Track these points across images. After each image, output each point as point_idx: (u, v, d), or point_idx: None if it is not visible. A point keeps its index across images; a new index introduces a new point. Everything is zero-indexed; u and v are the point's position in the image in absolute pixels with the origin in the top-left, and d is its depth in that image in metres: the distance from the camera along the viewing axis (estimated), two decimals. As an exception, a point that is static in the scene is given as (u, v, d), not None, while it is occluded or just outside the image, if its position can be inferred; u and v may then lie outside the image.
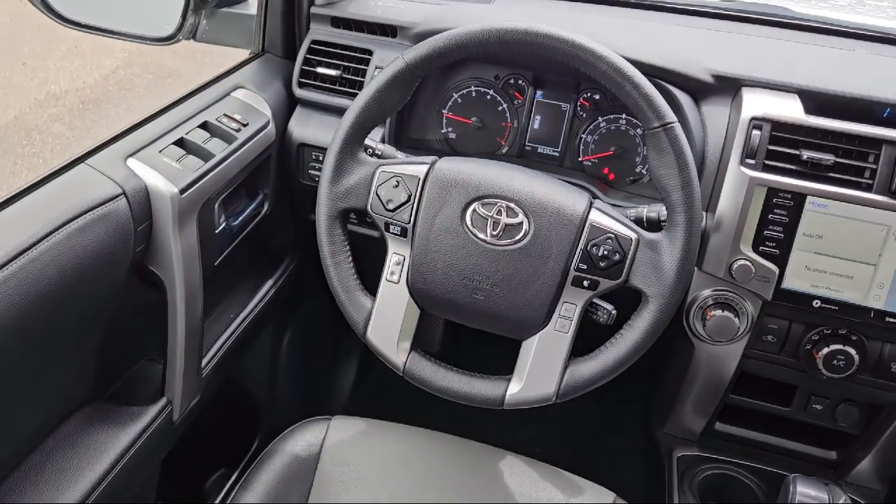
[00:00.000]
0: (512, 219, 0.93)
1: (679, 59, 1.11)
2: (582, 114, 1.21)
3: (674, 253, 0.89)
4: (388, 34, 1.25)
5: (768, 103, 1.03)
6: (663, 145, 0.89)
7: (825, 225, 1.00)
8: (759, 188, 1.01)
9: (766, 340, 1.10)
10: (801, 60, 1.17)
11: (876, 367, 1.07)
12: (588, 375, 0.94)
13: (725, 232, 1.03)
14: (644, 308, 0.92)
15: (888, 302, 1.00)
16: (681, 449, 1.30)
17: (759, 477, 1.24)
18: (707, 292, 1.08)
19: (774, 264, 1.03)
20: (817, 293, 1.03)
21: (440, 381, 0.98)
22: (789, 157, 1.00)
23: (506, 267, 0.93)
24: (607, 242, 0.91)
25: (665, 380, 1.35)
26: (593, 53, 0.89)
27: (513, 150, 1.25)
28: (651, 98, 0.88)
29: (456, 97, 1.26)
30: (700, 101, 1.10)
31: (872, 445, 1.19)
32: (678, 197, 0.89)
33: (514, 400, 0.96)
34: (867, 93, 1.05)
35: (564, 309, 0.94)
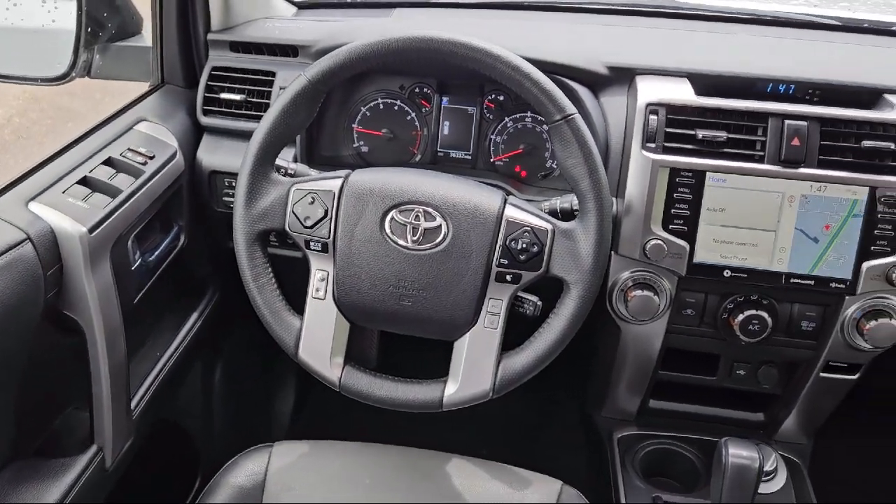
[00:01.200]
0: (430, 223, 0.94)
1: (575, 55, 1.15)
2: (489, 116, 1.24)
3: (589, 239, 0.93)
4: (289, 54, 1.25)
5: (661, 89, 1.08)
6: (567, 137, 0.92)
7: (726, 198, 1.06)
8: (661, 170, 1.05)
9: (686, 314, 1.15)
10: (689, 47, 1.23)
11: (788, 328, 1.13)
12: (521, 367, 0.96)
13: (636, 214, 1.07)
14: (567, 295, 0.95)
15: (791, 264, 1.07)
16: (620, 430, 1.34)
17: (695, 446, 1.29)
18: (626, 274, 1.12)
19: (684, 240, 1.07)
20: (727, 263, 1.08)
21: (377, 391, 0.98)
22: (686, 138, 1.05)
23: (430, 270, 0.95)
24: (525, 236, 0.93)
25: (597, 365, 1.39)
26: (490, 55, 0.91)
27: (426, 157, 1.27)
28: (550, 93, 0.92)
29: (364, 110, 1.27)
30: (598, 92, 1.14)
31: (794, 403, 1.25)
32: (586, 185, 0.92)
33: (453, 400, 0.97)
34: (750, 71, 1.11)
35: (491, 305, 0.96)
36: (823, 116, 1.04)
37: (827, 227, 1.05)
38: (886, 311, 1.07)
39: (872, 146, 1.02)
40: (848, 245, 1.05)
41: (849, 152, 1.03)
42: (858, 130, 1.03)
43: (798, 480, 1.25)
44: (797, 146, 1.03)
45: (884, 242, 1.04)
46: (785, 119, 1.04)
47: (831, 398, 1.24)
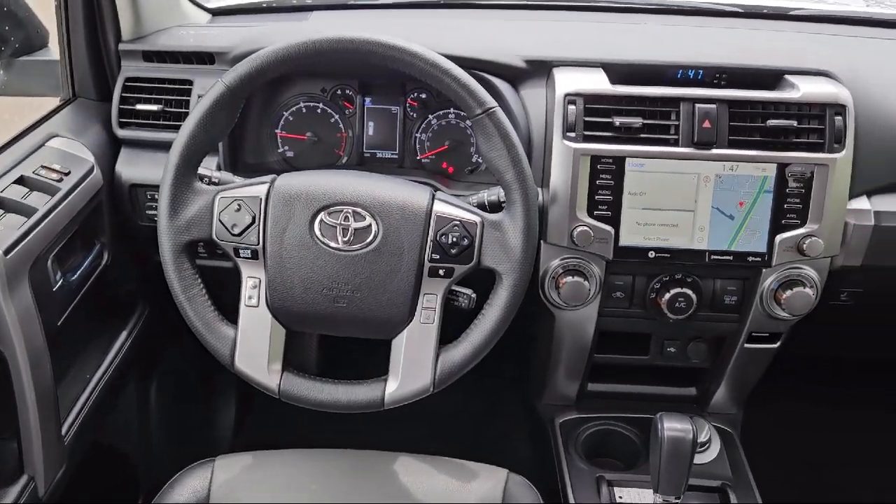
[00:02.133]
0: (360, 223, 0.95)
1: (493, 50, 1.17)
2: (412, 114, 1.25)
3: (517, 229, 0.95)
4: (205, 62, 1.23)
5: (578, 79, 1.11)
6: (489, 130, 0.94)
7: (646, 182, 1.09)
8: (583, 158, 1.08)
9: (616, 297, 1.18)
10: (603, 38, 1.27)
11: (712, 303, 1.18)
12: (460, 360, 0.97)
13: (561, 203, 1.10)
14: (499, 285, 0.96)
15: (710, 242, 1.11)
16: (561, 415, 1.37)
17: (633, 424, 1.33)
18: (556, 262, 1.14)
19: (609, 225, 1.11)
20: (650, 245, 1.12)
21: (318, 395, 0.98)
22: (604, 126, 1.09)
23: (363, 270, 0.95)
24: (454, 230, 0.95)
25: (535, 353, 1.42)
26: (409, 53, 0.92)
27: (352, 159, 1.27)
28: (470, 88, 0.93)
29: (287, 115, 1.26)
30: (518, 85, 1.17)
31: (722, 375, 1.31)
32: (511, 176, 0.94)
33: (394, 398, 0.97)
34: (661, 59, 1.16)
35: (426, 300, 0.96)
36: (730, 99, 1.08)
37: (741, 203, 1.10)
38: (800, 280, 1.13)
39: (777, 125, 1.07)
40: (761, 220, 1.10)
41: (756, 132, 1.08)
42: (763, 110, 1.09)
43: (731, 448, 1.31)
44: (708, 128, 1.07)
45: (793, 215, 1.09)
46: (695, 103, 1.08)
47: (756, 367, 1.30)
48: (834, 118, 1.08)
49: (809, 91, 1.09)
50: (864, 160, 1.10)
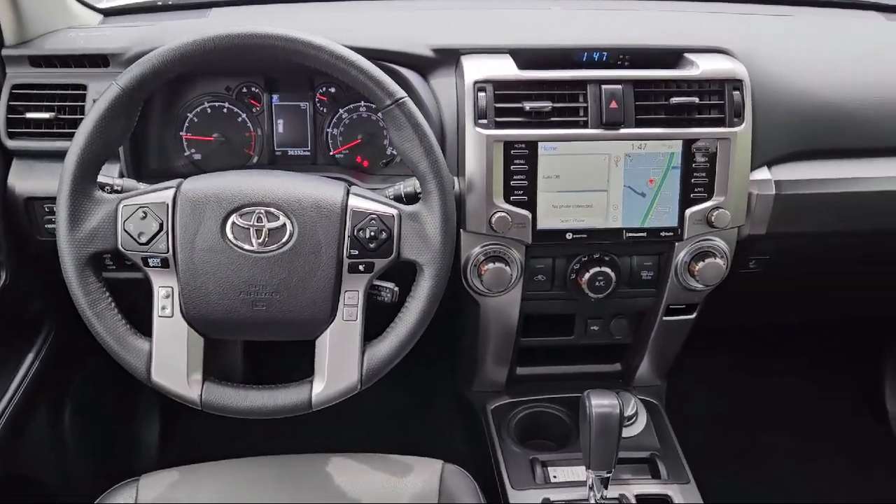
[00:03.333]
0: (274, 223, 0.92)
1: (401, 40, 1.16)
2: (322, 109, 1.23)
3: (434, 219, 0.94)
4: (99, 65, 1.17)
5: (486, 66, 1.11)
6: (400, 121, 0.93)
7: (559, 165, 1.11)
8: (496, 144, 1.09)
9: (538, 280, 1.20)
10: (509, 24, 1.28)
11: (630, 279, 1.21)
12: (386, 354, 0.96)
13: (478, 190, 1.10)
14: (420, 277, 0.96)
15: (624, 220, 1.14)
16: (492, 401, 1.38)
17: (563, 404, 1.36)
18: (477, 249, 1.14)
19: (526, 210, 1.11)
20: (567, 227, 1.13)
21: (242, 403, 0.95)
22: (515, 111, 1.09)
23: (280, 271, 0.92)
24: (371, 224, 0.93)
25: (462, 342, 1.42)
26: (311, 45, 0.90)
27: (263, 158, 1.23)
28: (378, 79, 0.92)
29: (191, 116, 1.21)
30: (427, 75, 1.16)
31: (645, 349, 1.34)
32: (425, 166, 0.93)
33: (322, 398, 0.96)
34: (566, 42, 1.17)
35: (347, 297, 0.95)
36: (634, 79, 1.11)
37: (651, 181, 1.12)
38: (711, 251, 1.17)
39: (680, 102, 1.10)
40: (671, 195, 1.13)
41: (661, 110, 1.11)
42: (666, 89, 1.11)
43: (657, 419, 1.35)
44: (615, 109, 1.09)
45: (700, 189, 1.13)
46: (601, 84, 1.10)
47: (676, 339, 1.34)
48: (732, 93, 1.11)
49: (708, 68, 1.12)
50: (762, 133, 1.14)
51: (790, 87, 1.17)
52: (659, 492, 1.20)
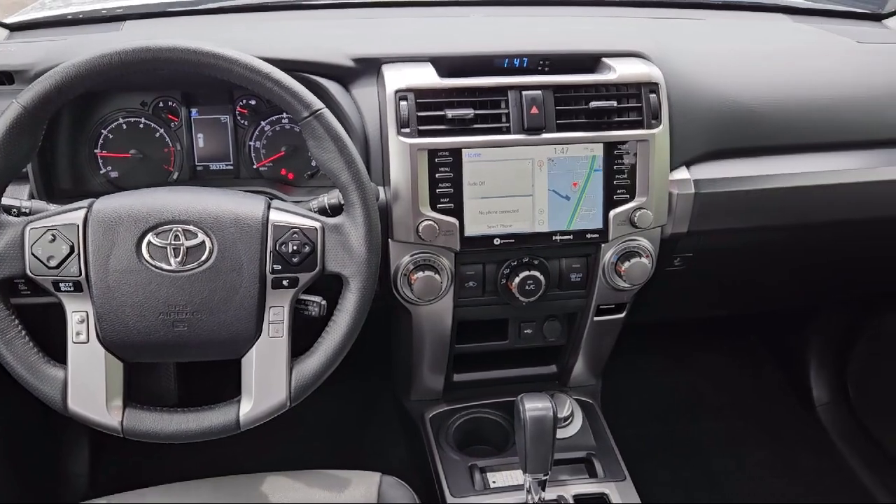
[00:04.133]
0: (192, 241, 0.90)
1: (319, 50, 1.15)
2: (243, 122, 1.20)
3: (358, 230, 0.93)
4: (3, 82, 1.12)
5: (407, 75, 1.11)
6: (319, 132, 0.92)
7: (484, 171, 1.11)
8: (420, 153, 1.08)
9: (469, 287, 1.20)
10: (429, 32, 1.28)
11: (560, 282, 1.22)
12: (315, 370, 0.95)
13: (404, 199, 1.09)
14: (347, 289, 0.94)
15: (550, 223, 1.15)
16: (430, 409, 1.37)
17: (500, 409, 1.36)
18: (406, 259, 1.14)
19: (453, 217, 1.11)
20: (495, 232, 1.14)
21: (167, 427, 0.92)
22: (437, 119, 1.09)
23: (201, 290, 0.90)
24: (294, 238, 0.92)
25: (397, 352, 1.41)
26: (224, 58, 0.88)
27: (184, 174, 1.20)
28: (294, 90, 0.91)
29: (106, 133, 1.17)
30: (348, 85, 1.15)
31: (578, 349, 1.36)
32: (346, 177, 0.92)
33: (250, 418, 0.93)
34: (486, 49, 1.18)
35: (273, 314, 0.93)
36: (554, 84, 1.12)
37: (575, 184, 1.14)
38: (636, 251, 1.19)
39: (599, 106, 1.12)
40: (595, 198, 1.15)
41: (581, 114, 1.13)
42: (586, 93, 1.13)
43: (593, 419, 1.36)
44: (536, 114, 1.10)
45: (623, 191, 1.15)
46: (522, 90, 1.11)
47: (608, 338, 1.36)
48: (649, 96, 1.14)
49: (625, 72, 1.15)
50: (679, 133, 1.17)
51: (704, 89, 1.21)
52: (596, 491, 1.21)
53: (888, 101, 1.28)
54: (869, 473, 1.72)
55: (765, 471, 1.75)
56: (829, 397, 1.89)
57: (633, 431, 1.45)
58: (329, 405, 1.77)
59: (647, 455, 1.56)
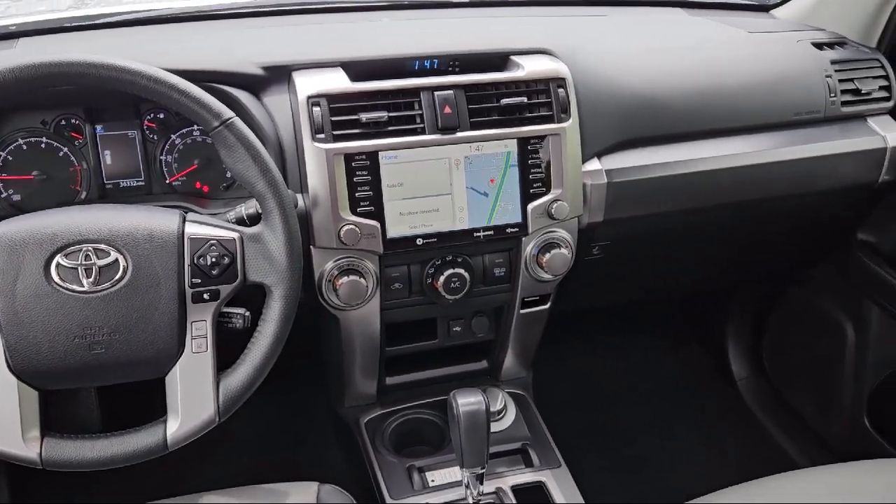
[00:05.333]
0: (105, 259, 0.87)
1: (227, 60, 1.13)
2: (152, 136, 1.17)
3: (278, 239, 0.92)
4: None
5: (319, 81, 1.11)
6: (230, 142, 0.91)
7: (401, 173, 1.12)
8: (336, 158, 1.08)
9: (395, 288, 1.20)
10: (339, 38, 1.28)
11: (484, 278, 1.24)
12: (242, 383, 0.93)
13: (323, 205, 1.09)
14: (270, 299, 0.94)
15: (471, 220, 1.16)
16: (365, 414, 1.37)
17: (435, 408, 1.37)
18: (330, 265, 1.13)
19: (375, 220, 1.12)
20: (417, 233, 1.15)
21: (90, 454, 0.89)
22: (352, 123, 1.09)
23: (117, 310, 0.87)
24: (212, 250, 0.90)
25: (328, 359, 1.40)
26: (127, 71, 0.86)
27: (92, 192, 1.16)
28: (202, 100, 0.89)
29: (5, 155, 1.12)
30: (259, 93, 1.14)
31: (507, 343, 1.38)
32: (262, 186, 0.92)
33: (178, 437, 0.91)
34: (397, 52, 1.19)
35: (195, 328, 0.91)
36: (465, 83, 1.14)
37: (492, 180, 1.16)
38: (556, 242, 1.22)
39: (510, 102, 1.14)
40: (512, 192, 1.17)
41: (493, 111, 1.15)
42: (496, 91, 1.16)
43: (526, 410, 1.39)
44: (450, 114, 1.12)
45: (539, 184, 1.18)
46: (434, 91, 1.12)
47: (535, 330, 1.39)
48: (557, 91, 1.17)
49: (533, 69, 1.18)
50: (589, 126, 1.21)
51: (609, 82, 1.25)
52: (533, 479, 1.24)
53: (779, 87, 1.36)
54: (788, 440, 1.81)
55: (692, 448, 1.82)
56: (747, 372, 1.97)
57: (566, 420, 1.49)
58: (262, 417, 1.74)
59: (580, 441, 1.59)
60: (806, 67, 1.39)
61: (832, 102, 1.39)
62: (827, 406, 1.74)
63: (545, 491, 1.23)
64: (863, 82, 1.41)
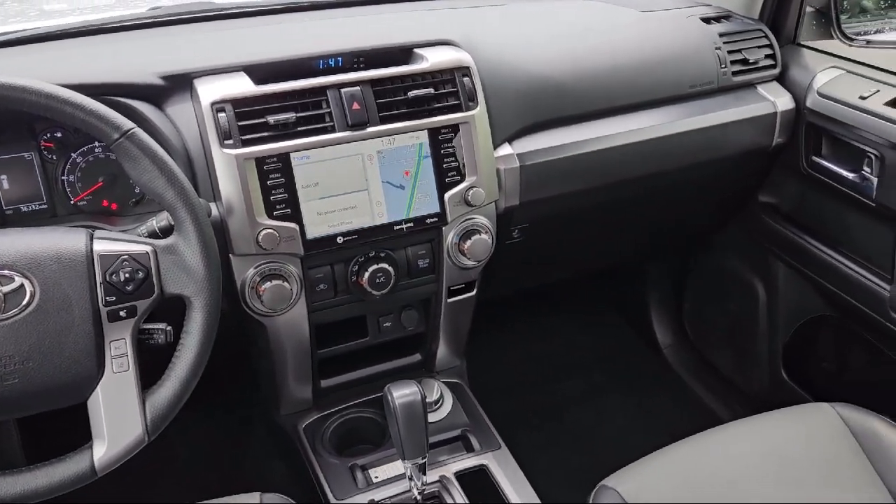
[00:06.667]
0: (9, 286, 0.84)
1: (126, 71, 1.10)
2: (51, 156, 1.13)
3: (192, 247, 0.90)
4: None
5: (221, 87, 1.09)
6: (134, 153, 0.88)
7: (315, 172, 1.11)
8: (247, 162, 1.07)
9: (321, 290, 1.20)
10: (239, 42, 1.26)
11: (409, 271, 1.25)
12: (169, 399, 0.91)
13: (238, 211, 1.08)
14: (191, 309, 0.92)
15: (389, 214, 1.17)
16: (302, 419, 1.36)
17: (373, 405, 1.37)
18: (251, 271, 1.12)
19: (292, 222, 1.11)
20: (337, 231, 1.14)
21: (13, 489, 0.85)
22: (260, 127, 1.08)
23: (28, 336, 0.84)
24: (124, 265, 0.88)
25: (259, 367, 1.38)
26: (15, 88, 0.83)
27: None
28: (99, 113, 0.87)
29: None
30: (162, 104, 1.11)
31: (438, 333, 1.40)
32: (171, 196, 0.90)
33: (106, 461, 0.88)
34: (299, 52, 1.18)
35: (114, 348, 0.89)
36: (371, 79, 1.15)
37: (406, 173, 1.17)
38: (476, 229, 1.23)
39: (418, 94, 1.16)
40: (428, 183, 1.18)
41: (402, 104, 1.16)
42: (403, 84, 1.17)
43: (463, 398, 1.41)
44: (358, 110, 1.12)
45: (453, 173, 1.19)
46: (340, 88, 1.12)
47: (464, 318, 1.41)
48: (463, 80, 1.19)
49: (437, 60, 1.19)
50: (497, 112, 1.24)
51: (513, 69, 1.28)
52: (475, 464, 1.26)
53: (674, 61, 1.42)
54: (714, 399, 1.90)
55: (626, 417, 1.88)
56: (671, 339, 2.05)
57: (503, 404, 1.51)
58: (203, 433, 1.70)
59: (519, 423, 1.63)
60: (696, 42, 1.45)
61: (724, 73, 1.46)
62: (747, 363, 1.83)
63: (488, 473, 1.25)
64: (750, 52, 1.49)
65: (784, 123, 1.49)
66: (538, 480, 1.25)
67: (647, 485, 1.07)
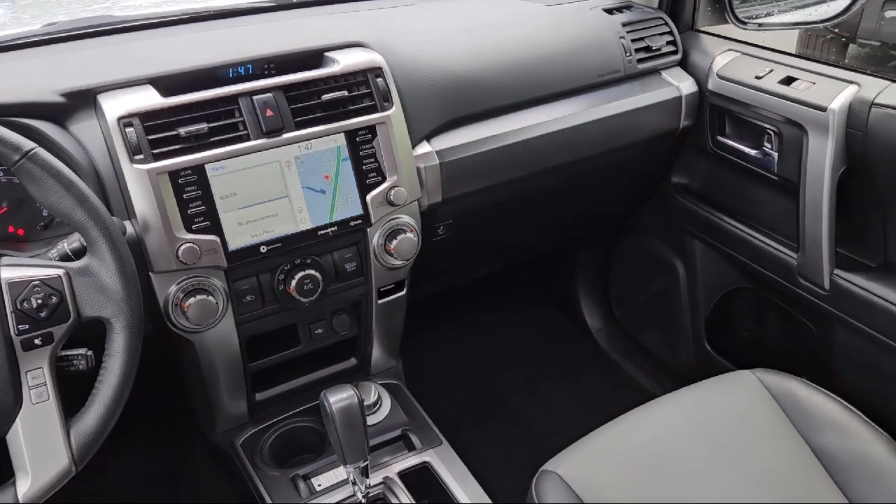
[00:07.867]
0: None
1: (23, 91, 1.06)
2: None
3: (108, 267, 0.88)
4: None
5: (127, 101, 1.06)
6: (37, 174, 0.85)
7: (233, 182, 1.09)
8: (160, 177, 1.04)
9: (248, 301, 1.18)
10: (143, 55, 1.23)
11: (337, 274, 1.24)
12: (95, 425, 0.88)
13: (155, 227, 1.05)
14: (112, 331, 0.89)
15: (312, 220, 1.16)
16: (238, 436, 1.33)
17: (310, 414, 1.36)
18: (173, 288, 1.09)
19: (213, 235, 1.09)
20: (260, 240, 1.13)
21: None
22: (171, 140, 1.05)
23: None
24: (36, 291, 0.84)
25: (191, 386, 1.35)
26: None
27: None
28: None
29: None
30: (65, 122, 1.07)
31: (371, 336, 1.39)
32: (80, 215, 0.87)
33: (31, 495, 0.85)
34: (206, 62, 1.16)
35: (31, 378, 0.85)
36: (283, 84, 1.13)
37: (326, 177, 1.16)
38: (401, 228, 1.24)
39: (332, 97, 1.15)
40: (349, 186, 1.18)
41: (316, 108, 1.15)
42: (317, 88, 1.16)
43: (401, 398, 1.41)
44: (272, 116, 1.11)
45: (374, 174, 1.19)
46: (252, 96, 1.11)
47: (396, 318, 1.41)
48: (376, 80, 1.19)
49: (348, 62, 1.19)
50: (412, 111, 1.24)
51: (425, 67, 1.29)
52: (418, 462, 1.26)
53: (580, 52, 1.46)
54: (645, 377, 1.96)
55: (563, 401, 1.92)
56: (601, 323, 2.11)
57: (442, 400, 1.52)
58: (136, 457, 1.64)
59: (460, 419, 1.64)
60: (601, 32, 1.50)
61: (629, 61, 1.51)
62: (672, 339, 1.90)
63: (431, 470, 1.25)
64: (652, 39, 1.54)
65: (689, 106, 1.55)
66: (482, 472, 1.26)
67: (585, 465, 1.10)
